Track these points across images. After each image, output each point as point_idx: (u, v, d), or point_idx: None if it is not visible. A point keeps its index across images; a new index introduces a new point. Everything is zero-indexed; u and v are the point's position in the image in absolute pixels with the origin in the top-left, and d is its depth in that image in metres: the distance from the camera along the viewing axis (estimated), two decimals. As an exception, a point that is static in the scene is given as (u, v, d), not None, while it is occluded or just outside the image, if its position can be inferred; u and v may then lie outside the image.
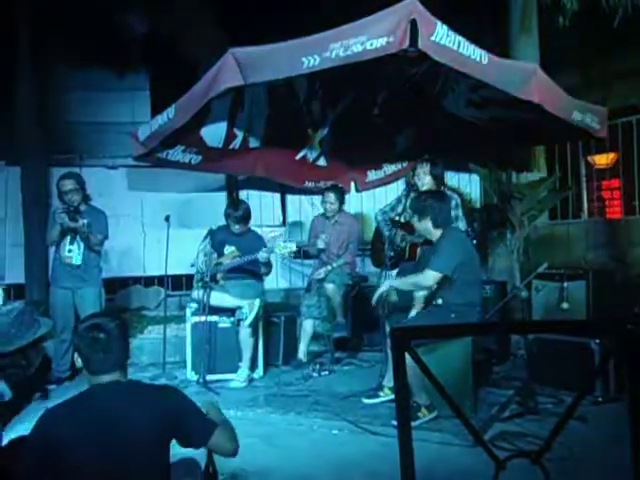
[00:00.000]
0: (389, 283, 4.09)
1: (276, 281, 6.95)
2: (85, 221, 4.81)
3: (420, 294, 4.13)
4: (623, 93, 6.35)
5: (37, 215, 6.35)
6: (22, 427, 2.14)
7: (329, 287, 5.33)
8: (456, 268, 3.78)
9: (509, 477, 1.31)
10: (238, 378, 4.89)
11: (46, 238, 5.08)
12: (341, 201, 5.59)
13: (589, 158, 6.97)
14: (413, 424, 3.50)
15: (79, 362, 2.07)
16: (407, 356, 1.24)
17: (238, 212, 5.11)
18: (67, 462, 1.88)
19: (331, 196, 5.54)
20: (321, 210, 5.76)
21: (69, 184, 4.90)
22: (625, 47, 5.96)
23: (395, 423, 3.62)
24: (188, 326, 5.11)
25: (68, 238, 4.94)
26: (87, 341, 2.04)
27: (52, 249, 5.14)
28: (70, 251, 4.96)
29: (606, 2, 5.54)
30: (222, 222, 5.23)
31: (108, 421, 1.92)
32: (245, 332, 4.92)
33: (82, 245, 4.94)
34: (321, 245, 5.38)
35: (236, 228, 5.12)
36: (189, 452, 2.24)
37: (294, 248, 4.97)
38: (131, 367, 5.16)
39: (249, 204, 5.36)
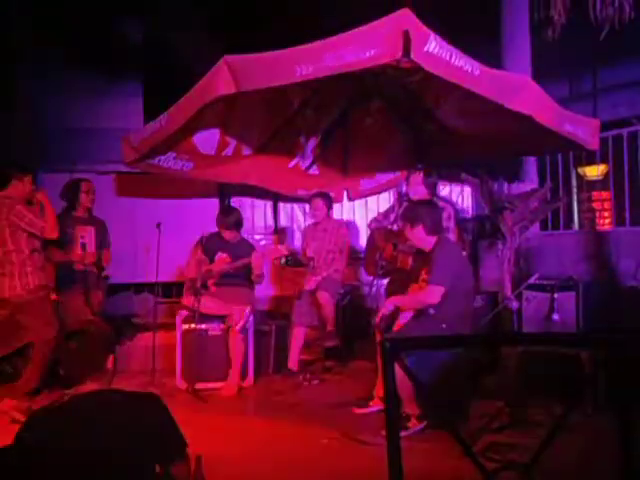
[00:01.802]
0: (392, 302, 3.98)
1: (267, 288, 6.92)
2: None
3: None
4: (614, 105, 6.40)
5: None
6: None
7: (322, 295, 5.32)
8: (452, 279, 3.79)
9: (498, 489, 1.30)
10: (228, 386, 4.86)
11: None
12: (328, 207, 5.60)
13: (580, 169, 7.00)
14: (403, 434, 3.49)
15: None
16: (397, 366, 1.24)
17: (229, 219, 5.11)
18: (47, 467, 1.85)
19: (318, 202, 5.56)
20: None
21: (92, 187, 5.20)
22: (616, 59, 6.00)
23: (385, 433, 3.60)
24: (178, 333, 5.08)
25: (79, 244, 5.03)
26: (63, 350, 2.02)
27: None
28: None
29: (594, 15, 5.58)
30: (214, 229, 5.22)
31: (86, 430, 1.89)
32: (235, 340, 4.90)
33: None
34: (311, 253, 5.40)
35: (226, 235, 5.12)
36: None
37: (285, 252, 4.98)
38: (120, 374, 5.14)
39: (241, 211, 5.36)
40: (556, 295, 4.99)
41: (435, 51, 3.42)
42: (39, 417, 1.95)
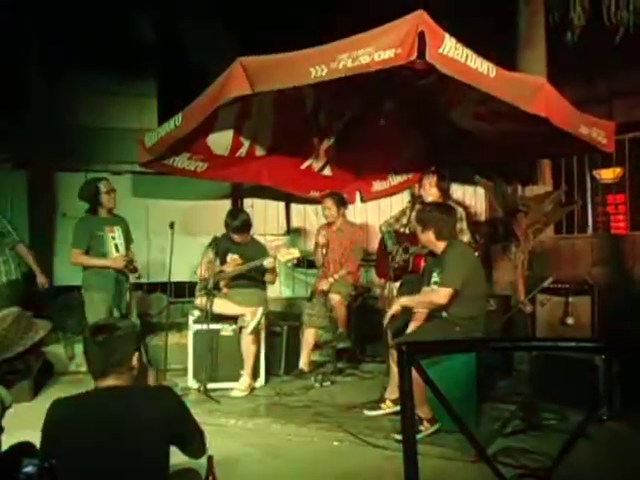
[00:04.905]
0: (401, 302, 3.96)
1: (279, 290, 6.92)
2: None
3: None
4: (630, 108, 6.34)
5: (43, 219, 6.36)
6: (22, 433, 2.12)
7: (335, 297, 5.30)
8: (463, 282, 3.76)
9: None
10: (239, 387, 4.87)
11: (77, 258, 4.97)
12: (339, 207, 5.57)
13: (595, 172, 6.94)
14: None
15: None
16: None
17: (235, 222, 5.11)
18: (68, 455, 1.88)
19: (328, 201, 5.56)
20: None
21: (112, 186, 5.07)
22: (632, 62, 5.95)
23: (397, 437, 3.59)
24: (190, 333, 5.09)
25: (112, 245, 5.03)
26: (89, 343, 2.04)
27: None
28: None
29: (608, 18, 5.53)
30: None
31: (105, 426, 1.91)
32: (247, 340, 4.91)
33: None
34: (322, 240, 5.38)
35: (235, 237, 5.12)
36: (190, 462, 2.23)
37: (297, 254, 4.96)
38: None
39: (250, 213, 5.38)
40: (571, 299, 4.95)
41: (450, 53, 3.41)
42: (65, 400, 1.99)
